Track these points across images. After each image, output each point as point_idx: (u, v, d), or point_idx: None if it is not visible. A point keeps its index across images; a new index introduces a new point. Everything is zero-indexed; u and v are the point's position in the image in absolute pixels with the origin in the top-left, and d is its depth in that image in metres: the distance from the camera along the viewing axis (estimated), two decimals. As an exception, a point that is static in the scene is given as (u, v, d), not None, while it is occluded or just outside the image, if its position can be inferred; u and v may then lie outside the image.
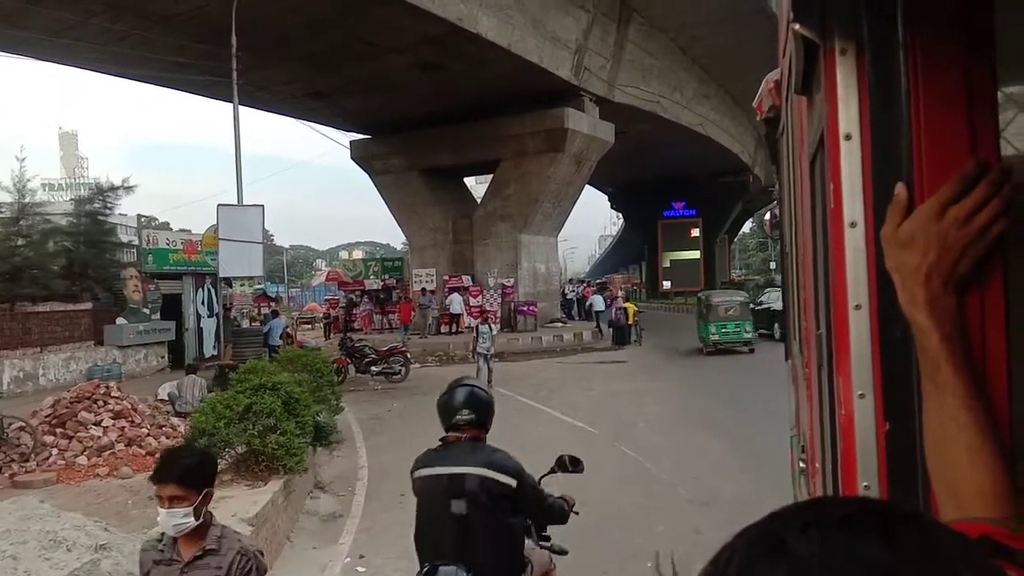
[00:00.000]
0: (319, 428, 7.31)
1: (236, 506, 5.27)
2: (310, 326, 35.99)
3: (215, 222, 15.74)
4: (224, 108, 17.46)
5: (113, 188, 17.11)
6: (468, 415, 3.23)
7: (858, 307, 1.17)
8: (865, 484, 1.15)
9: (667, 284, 49.77)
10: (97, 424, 9.47)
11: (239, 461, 6.11)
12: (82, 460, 8.87)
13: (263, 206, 15.11)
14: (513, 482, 3.04)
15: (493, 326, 15.67)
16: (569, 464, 3.59)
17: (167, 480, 2.45)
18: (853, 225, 1.17)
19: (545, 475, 3.57)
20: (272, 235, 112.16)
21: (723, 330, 19.15)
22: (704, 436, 9.81)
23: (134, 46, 17.25)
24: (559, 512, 3.35)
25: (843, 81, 1.18)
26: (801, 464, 2.26)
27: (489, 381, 13.87)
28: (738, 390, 13.07)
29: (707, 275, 48.09)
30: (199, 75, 17.41)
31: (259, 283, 72.38)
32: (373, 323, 28.25)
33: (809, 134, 1.58)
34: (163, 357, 16.44)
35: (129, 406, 9.89)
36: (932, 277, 0.95)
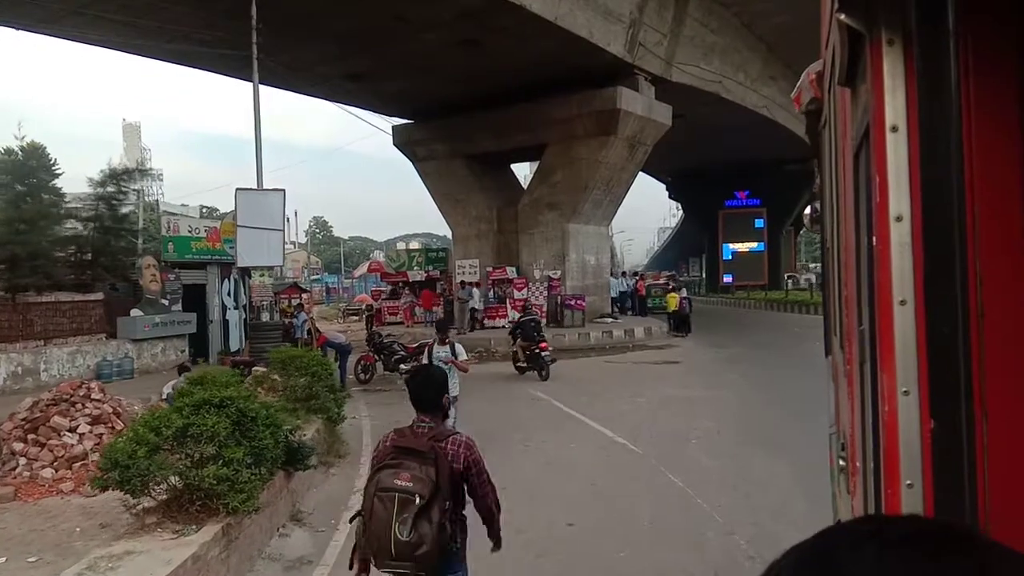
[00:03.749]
0: (292, 449, 6.03)
1: (141, 566, 4.00)
2: (357, 317, 35.40)
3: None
4: (285, 103, 16.53)
5: (128, 171, 16.30)
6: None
7: (903, 302, 1.16)
8: (908, 483, 1.14)
9: (728, 278, 47.37)
10: (72, 430, 8.46)
11: (171, 499, 4.86)
12: (48, 473, 7.88)
13: (284, 190, 14.04)
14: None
15: (458, 346, 8.62)
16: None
17: None
18: (899, 219, 1.16)
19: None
20: (331, 226, 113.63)
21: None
22: (767, 461, 8.19)
23: (161, 21, 16.40)
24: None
25: (890, 72, 1.17)
26: (841, 462, 2.19)
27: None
28: (808, 401, 11.31)
29: (771, 268, 45.47)
30: (227, 50, 16.42)
31: (315, 274, 72.42)
32: (415, 316, 27.16)
33: (853, 127, 1.56)
34: (183, 351, 15.57)
35: (111, 410, 8.85)
36: None
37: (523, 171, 36.90)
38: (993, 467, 1.14)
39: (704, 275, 55.26)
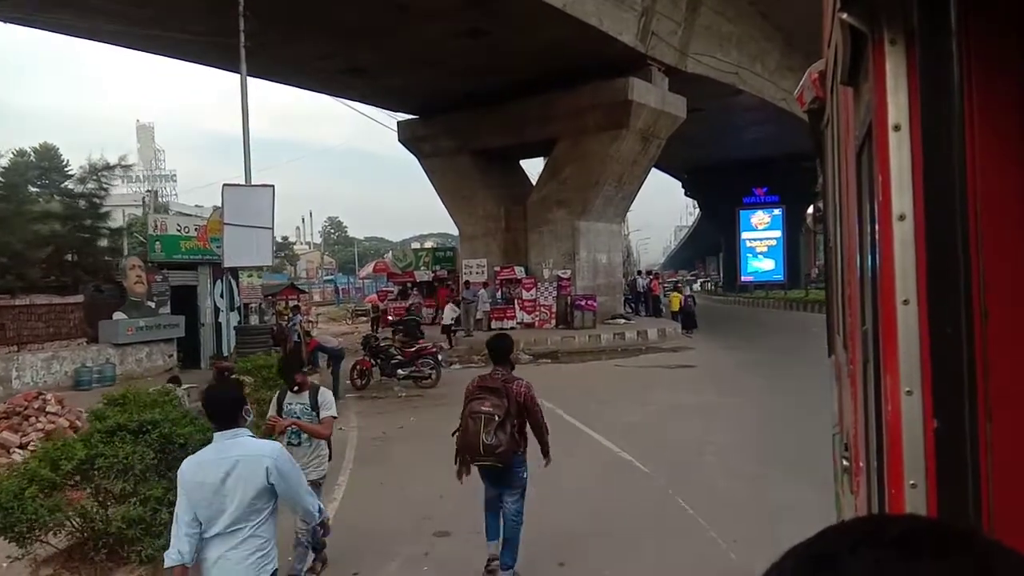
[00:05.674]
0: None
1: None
2: (366, 319, 34.81)
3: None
4: (302, 104, 15.78)
5: (108, 167, 15.61)
6: None
7: (906, 302, 1.15)
8: (912, 483, 1.14)
9: (745, 276, 46.17)
10: (23, 447, 7.73)
11: (73, 546, 4.07)
12: (-10, 495, 7.18)
13: (273, 186, 13.28)
14: None
15: (324, 394, 5.17)
16: None
17: None
18: (902, 218, 1.16)
19: None
20: (346, 227, 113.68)
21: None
22: (789, 482, 7.27)
23: (155, 10, 15.73)
24: None
25: (892, 71, 1.17)
26: (844, 462, 2.19)
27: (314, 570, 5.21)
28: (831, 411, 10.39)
29: (790, 267, 44.23)
30: (219, 38, 15.69)
31: (329, 274, 71.83)
32: (422, 317, 26.38)
33: (856, 126, 1.59)
34: (171, 356, 14.86)
35: (67, 424, 8.11)
36: None
37: (536, 167, 36.00)
38: (997, 467, 1.11)
39: (721, 274, 54.05)
